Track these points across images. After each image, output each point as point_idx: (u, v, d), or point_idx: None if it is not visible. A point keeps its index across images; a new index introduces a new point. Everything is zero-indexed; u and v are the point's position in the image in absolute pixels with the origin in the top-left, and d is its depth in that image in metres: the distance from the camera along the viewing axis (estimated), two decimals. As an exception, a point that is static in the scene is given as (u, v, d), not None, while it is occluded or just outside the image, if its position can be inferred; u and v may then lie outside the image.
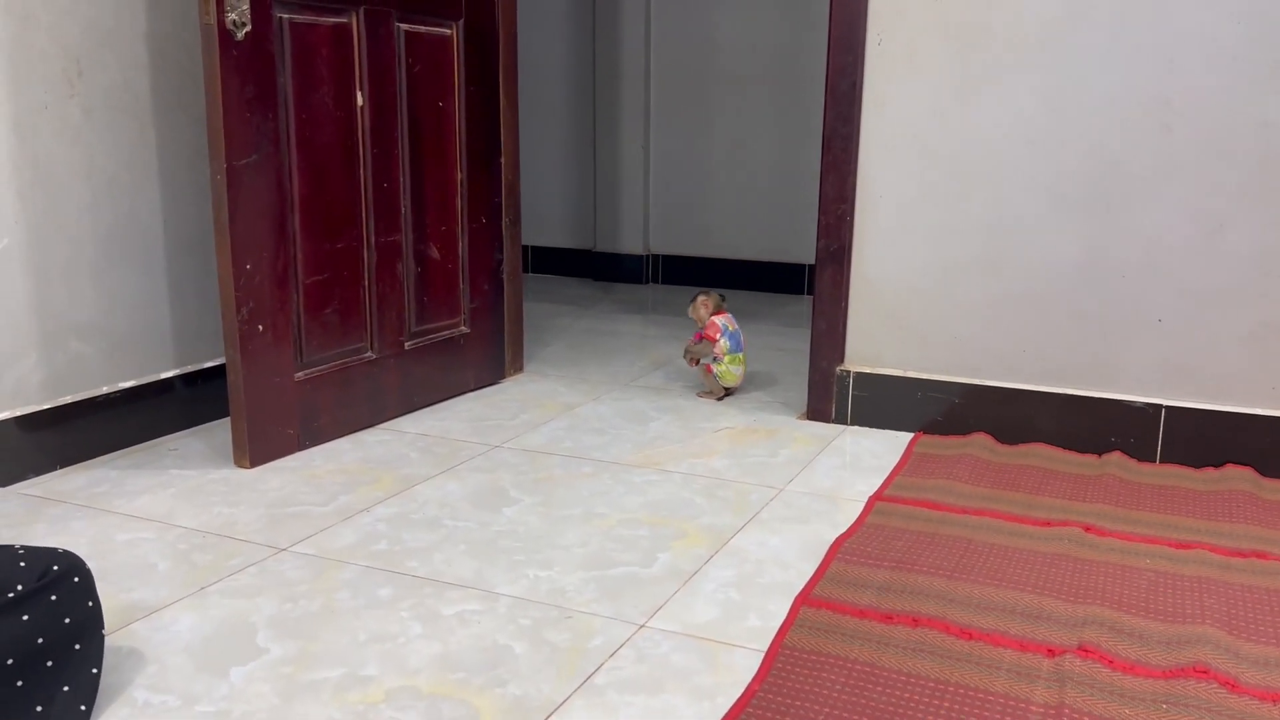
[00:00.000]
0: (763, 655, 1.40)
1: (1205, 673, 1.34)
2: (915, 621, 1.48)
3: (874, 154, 2.30)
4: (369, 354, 2.36)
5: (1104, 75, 2.10)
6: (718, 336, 2.59)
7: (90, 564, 1.65)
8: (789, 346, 3.23)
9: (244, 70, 1.98)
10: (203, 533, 1.78)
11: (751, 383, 2.77)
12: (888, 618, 1.49)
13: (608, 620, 1.49)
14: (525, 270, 4.66)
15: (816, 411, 2.45)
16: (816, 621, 1.48)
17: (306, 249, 2.17)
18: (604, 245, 4.44)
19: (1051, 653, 1.40)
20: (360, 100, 2.25)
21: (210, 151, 1.98)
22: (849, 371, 2.40)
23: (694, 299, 2.66)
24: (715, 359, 2.60)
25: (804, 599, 1.55)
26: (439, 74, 2.45)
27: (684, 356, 2.66)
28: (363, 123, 2.26)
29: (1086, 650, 1.40)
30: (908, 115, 2.26)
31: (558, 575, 1.63)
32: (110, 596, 1.55)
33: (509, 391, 2.68)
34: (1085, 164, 2.14)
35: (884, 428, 2.39)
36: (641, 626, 1.48)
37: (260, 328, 2.08)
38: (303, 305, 2.18)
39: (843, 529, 1.83)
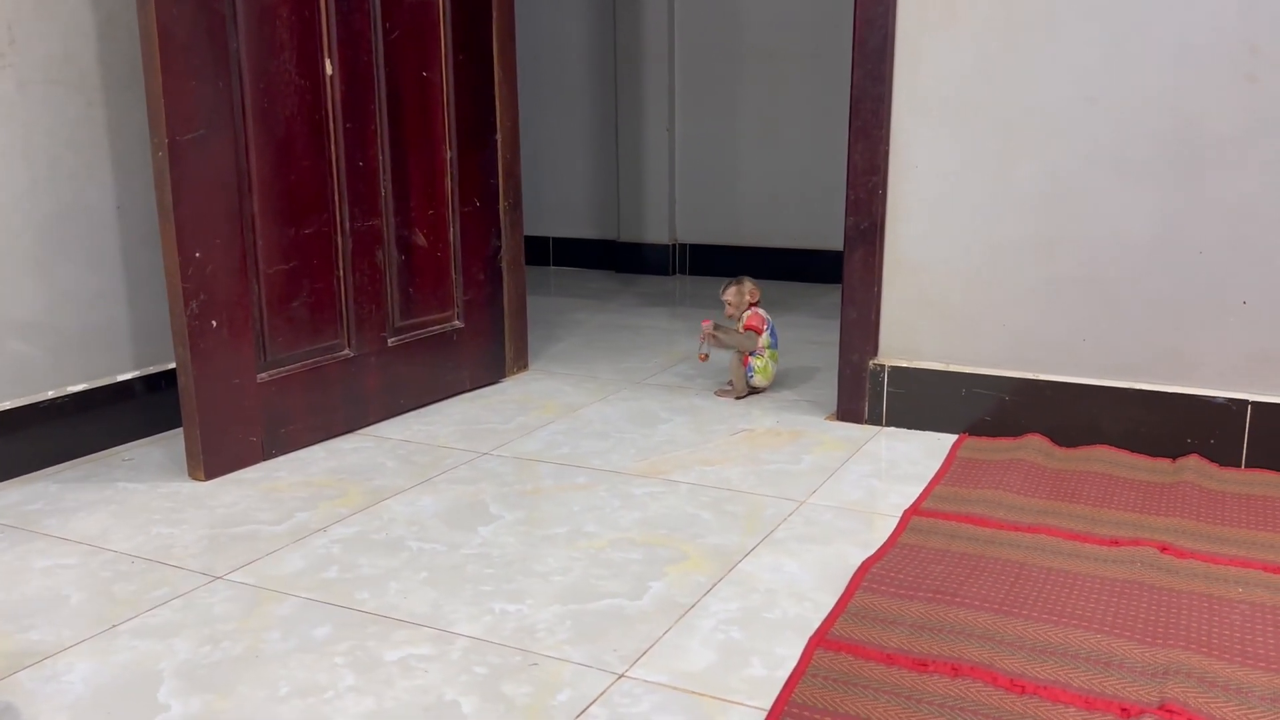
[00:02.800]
0: (765, 716, 1.14)
1: (1326, 742, 1.06)
2: (955, 670, 1.21)
3: (908, 117, 2.02)
4: (346, 352, 2.13)
5: (1177, 18, 1.80)
6: (764, 329, 2.32)
7: (-12, 597, 1.44)
8: (824, 340, 2.96)
9: (188, 32, 1.76)
10: (132, 558, 1.56)
11: (779, 380, 2.49)
12: (922, 665, 1.22)
13: (580, 669, 1.23)
14: (546, 264, 4.42)
15: (847, 411, 2.17)
16: (834, 669, 1.22)
17: (268, 235, 1.94)
18: (628, 235, 4.19)
19: (1126, 713, 1.12)
20: (329, 69, 2.02)
21: (150, 125, 1.76)
22: (883, 366, 2.13)
23: (734, 282, 2.35)
24: (754, 352, 2.33)
25: (820, 639, 1.29)
26: (422, 41, 2.21)
27: (701, 337, 2.34)
28: (333, 94, 2.03)
29: (1171, 710, 1.12)
30: (947, 71, 1.97)
31: (528, 610, 1.38)
32: (4, 638, 1.33)
33: (508, 392, 2.44)
34: (1156, 124, 1.85)
35: (923, 429, 2.11)
36: (620, 676, 1.22)
37: (214, 323, 1.86)
38: (265, 298, 1.96)
39: (871, 550, 1.56)
